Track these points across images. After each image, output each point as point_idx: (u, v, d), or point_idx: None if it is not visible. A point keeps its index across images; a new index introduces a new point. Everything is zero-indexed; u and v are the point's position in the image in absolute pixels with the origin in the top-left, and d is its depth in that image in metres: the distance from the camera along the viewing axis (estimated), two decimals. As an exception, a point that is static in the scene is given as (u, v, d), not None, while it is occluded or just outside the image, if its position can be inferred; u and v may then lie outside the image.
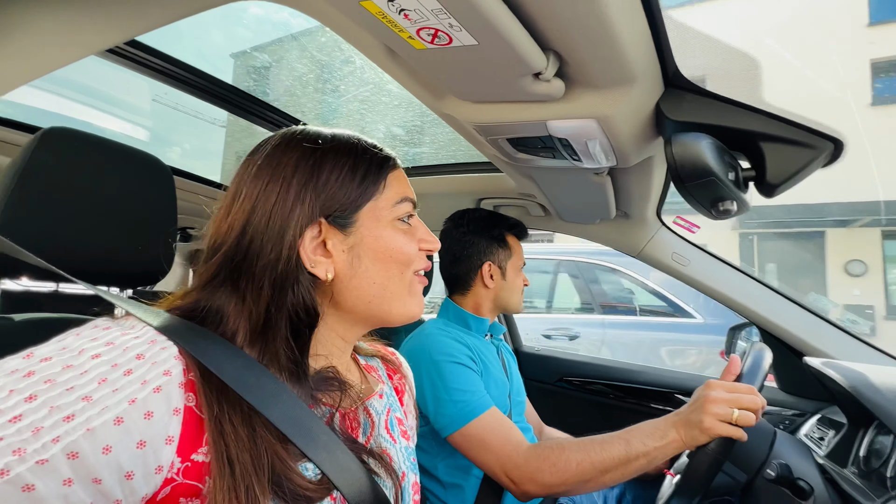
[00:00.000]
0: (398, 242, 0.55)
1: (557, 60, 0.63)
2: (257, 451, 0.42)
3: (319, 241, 0.51)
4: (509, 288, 1.28)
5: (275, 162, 0.51)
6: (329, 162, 0.52)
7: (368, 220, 0.53)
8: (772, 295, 1.30)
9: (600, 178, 1.06)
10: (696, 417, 0.79)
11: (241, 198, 0.51)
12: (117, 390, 0.38)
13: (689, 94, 0.70)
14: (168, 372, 0.41)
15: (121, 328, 0.43)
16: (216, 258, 0.50)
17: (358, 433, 0.56)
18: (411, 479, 0.60)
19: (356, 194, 0.52)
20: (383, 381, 0.67)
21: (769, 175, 0.67)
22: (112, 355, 0.40)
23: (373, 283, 0.54)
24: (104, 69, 1.01)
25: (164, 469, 0.40)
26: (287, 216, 0.49)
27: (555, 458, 0.90)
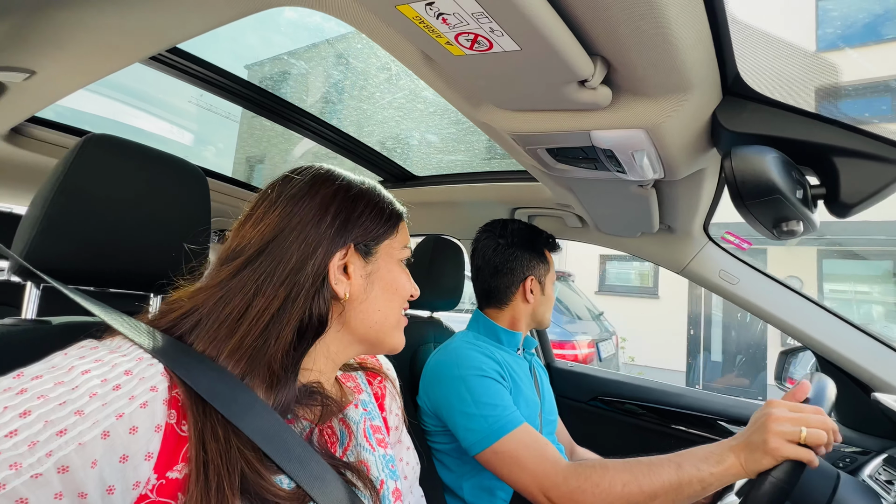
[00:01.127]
0: (403, 278, 0.64)
1: (605, 67, 0.59)
2: (229, 457, 0.43)
3: (343, 263, 0.57)
4: (547, 302, 1.24)
5: (315, 189, 0.58)
6: (363, 200, 0.60)
7: (385, 254, 0.61)
8: (833, 320, 1.20)
9: (645, 190, 1.00)
10: (759, 438, 0.70)
11: (276, 210, 0.56)
12: (106, 404, 0.39)
13: (750, 103, 0.64)
14: (155, 388, 0.43)
15: (107, 348, 0.45)
16: (238, 262, 0.53)
17: (336, 446, 0.58)
18: (391, 487, 0.61)
19: (381, 230, 0.61)
20: (362, 388, 0.69)
21: (843, 193, 0.60)
22: (101, 371, 0.41)
23: (378, 310, 0.60)
24: (145, 73, 1.04)
25: (140, 485, 0.40)
26: (322, 234, 0.55)
27: (598, 477, 0.81)
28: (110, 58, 0.84)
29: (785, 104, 0.62)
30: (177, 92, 1.64)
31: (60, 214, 0.65)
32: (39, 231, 0.63)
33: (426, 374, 1.11)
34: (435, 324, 1.52)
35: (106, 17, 0.75)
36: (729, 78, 0.63)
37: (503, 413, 0.96)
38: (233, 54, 1.18)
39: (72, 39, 0.81)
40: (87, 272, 0.69)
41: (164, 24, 0.75)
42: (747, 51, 0.59)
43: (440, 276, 1.42)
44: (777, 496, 0.68)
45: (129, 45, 0.81)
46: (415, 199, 1.65)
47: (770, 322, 1.27)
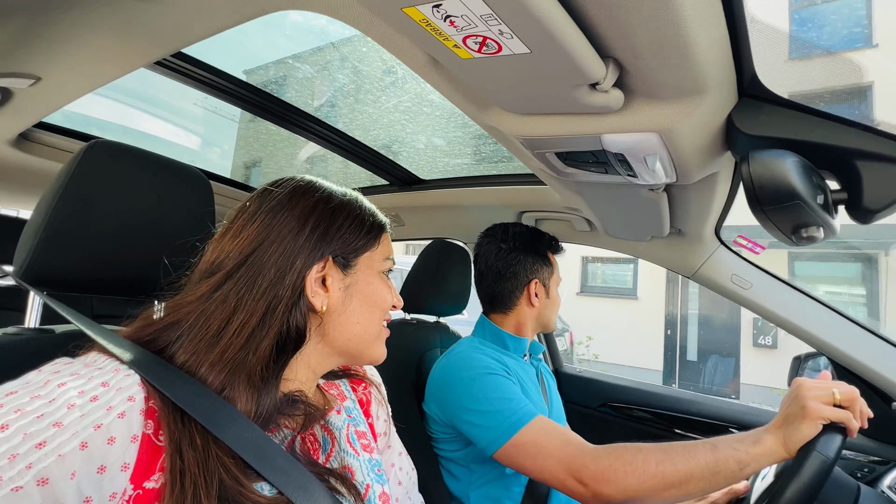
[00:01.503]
0: (383, 291, 0.63)
1: (617, 69, 0.57)
2: (207, 465, 0.43)
3: (321, 275, 0.57)
4: (552, 306, 1.22)
5: (295, 201, 0.57)
6: (343, 213, 0.60)
7: (365, 266, 0.61)
8: (851, 326, 1.16)
9: (656, 194, 0.98)
10: (796, 407, 0.71)
11: (255, 222, 0.56)
12: (84, 415, 0.39)
13: (767, 105, 0.62)
14: (132, 398, 0.43)
15: (82, 362, 0.46)
16: (216, 277, 0.53)
17: (318, 452, 0.58)
18: (377, 491, 0.61)
19: (361, 243, 0.60)
20: (346, 395, 0.69)
21: (867, 199, 0.57)
22: (78, 383, 0.41)
23: (356, 322, 0.60)
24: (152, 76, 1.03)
25: (117, 496, 0.40)
26: (300, 246, 0.55)
27: (630, 456, 0.78)
28: (115, 63, 0.84)
29: (803, 105, 0.59)
30: (183, 95, 1.64)
31: (63, 222, 0.64)
32: (42, 238, 0.63)
33: (433, 382, 1.10)
34: (441, 329, 1.51)
35: (110, 22, 0.75)
36: (745, 79, 0.61)
37: (518, 406, 0.93)
38: (238, 58, 1.17)
39: (76, 45, 0.80)
40: (90, 279, 0.69)
41: (168, 28, 0.75)
42: (765, 51, 0.57)
43: (446, 281, 1.40)
44: (821, 470, 0.65)
45: (134, 50, 0.80)
46: (421, 202, 1.64)
47: (785, 328, 1.24)
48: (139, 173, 0.71)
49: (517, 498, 1.07)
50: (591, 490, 0.79)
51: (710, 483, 0.74)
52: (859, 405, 0.72)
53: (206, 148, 2.08)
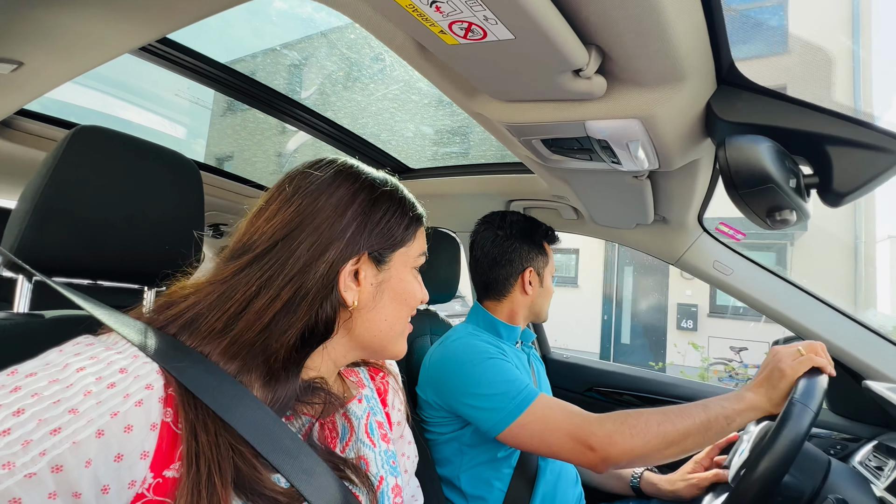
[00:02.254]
0: (415, 287, 0.61)
1: (600, 56, 0.58)
2: (219, 449, 0.43)
3: (353, 269, 0.55)
4: (546, 295, 1.24)
5: (335, 187, 0.55)
6: (385, 202, 0.57)
7: (399, 262, 0.59)
8: (825, 310, 1.21)
9: (639, 181, 1.00)
10: (772, 368, 0.83)
11: (292, 206, 0.53)
12: (101, 402, 0.39)
13: (744, 92, 0.64)
14: (150, 386, 0.42)
15: (103, 344, 0.44)
16: (246, 258, 0.51)
17: (335, 441, 0.57)
18: (391, 483, 0.61)
19: (399, 238, 0.58)
20: (365, 384, 0.68)
21: (836, 183, 0.60)
22: (96, 368, 0.40)
23: (384, 319, 0.58)
24: (138, 66, 1.02)
25: (136, 484, 0.40)
26: (336, 237, 0.53)
27: (633, 419, 0.85)
28: (99, 48, 0.83)
29: (779, 93, 0.62)
30: (168, 85, 1.62)
31: (51, 208, 0.64)
32: (29, 225, 0.63)
33: (430, 368, 1.11)
34: (431, 316, 1.52)
35: (95, 6, 0.74)
36: (723, 67, 0.63)
37: (521, 387, 0.96)
38: (224, 46, 1.16)
39: (60, 30, 0.79)
40: (79, 266, 0.69)
41: (153, 13, 0.74)
42: (742, 40, 0.59)
43: (435, 269, 1.42)
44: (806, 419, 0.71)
45: (119, 36, 0.80)
46: (410, 191, 1.64)
47: (764, 312, 1.28)
48: (127, 159, 0.71)
49: (506, 479, 1.10)
50: (600, 455, 0.85)
51: (704, 438, 0.82)
52: (822, 350, 0.84)
53: (191, 138, 2.06)
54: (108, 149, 0.70)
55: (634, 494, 1.23)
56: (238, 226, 0.56)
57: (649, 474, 1.22)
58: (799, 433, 0.71)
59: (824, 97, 0.58)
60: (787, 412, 0.73)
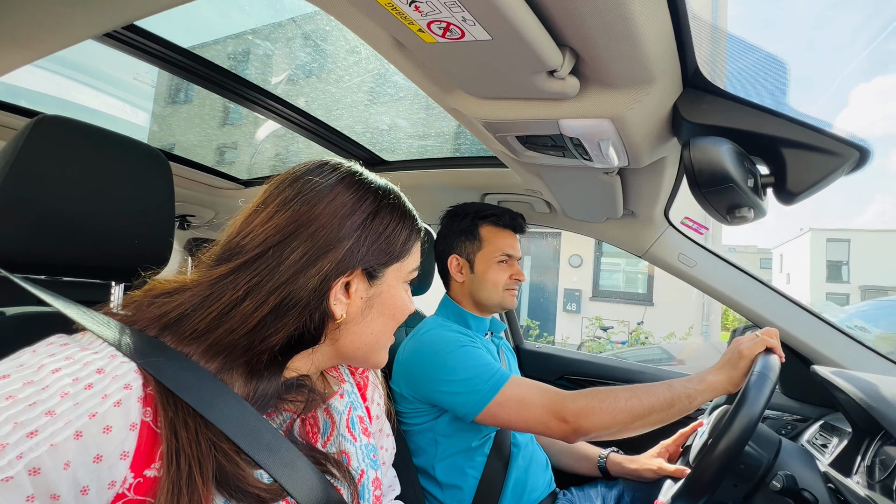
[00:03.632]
0: (405, 302, 0.60)
1: (573, 58, 0.60)
2: (200, 446, 0.43)
3: (344, 282, 0.53)
4: (480, 281, 1.19)
5: (335, 194, 0.53)
6: (386, 217, 0.55)
7: (392, 277, 0.57)
8: (779, 299, 1.28)
9: (610, 177, 1.03)
10: (732, 351, 0.91)
11: (288, 210, 0.51)
12: (78, 404, 0.38)
13: (708, 96, 0.67)
14: (129, 386, 0.42)
15: (78, 344, 0.43)
16: (235, 262, 0.50)
17: (317, 436, 0.57)
18: (371, 476, 0.61)
19: (396, 253, 0.56)
20: (345, 379, 0.68)
21: (790, 183, 0.64)
22: (72, 369, 0.40)
23: (370, 333, 0.57)
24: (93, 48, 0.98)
25: (116, 484, 0.40)
26: (331, 250, 0.51)
27: (603, 395, 0.92)
28: (60, 33, 0.79)
29: (739, 97, 0.65)
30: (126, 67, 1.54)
31: (11, 200, 0.61)
32: None
33: (403, 361, 1.13)
34: (406, 308, 1.54)
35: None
36: (689, 71, 0.66)
37: (494, 369, 1.00)
38: (190, 31, 1.12)
39: (19, 13, 0.75)
40: (41, 260, 0.66)
41: None
42: (707, 45, 0.62)
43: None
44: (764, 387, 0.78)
45: (82, 21, 0.76)
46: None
47: (724, 302, 1.35)
48: (92, 150, 0.69)
49: (480, 467, 1.13)
50: (572, 426, 0.91)
51: (668, 414, 0.90)
52: (775, 335, 0.92)
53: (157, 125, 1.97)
54: (71, 139, 0.67)
55: (601, 475, 1.28)
56: (228, 224, 0.55)
57: (615, 455, 1.28)
58: (760, 402, 0.77)
59: (778, 100, 0.61)
60: (747, 385, 0.80)
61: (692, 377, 0.93)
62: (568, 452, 1.35)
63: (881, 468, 0.91)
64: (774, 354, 0.89)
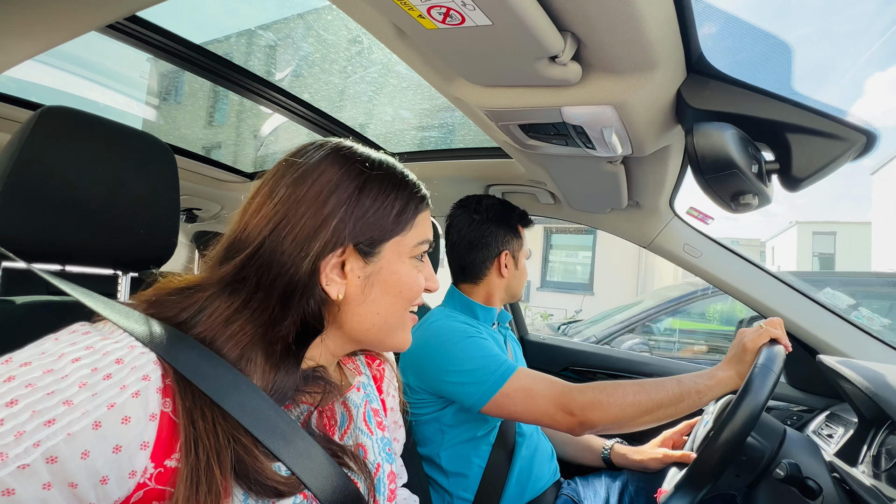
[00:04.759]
0: (411, 279, 0.56)
1: (575, 43, 0.60)
2: (217, 436, 0.42)
3: (340, 261, 0.52)
4: (520, 277, 1.27)
5: (317, 173, 0.51)
6: (373, 189, 0.52)
7: (391, 253, 0.55)
8: (785, 289, 1.27)
9: (614, 166, 1.03)
10: (737, 345, 0.91)
11: (276, 200, 0.51)
12: (97, 394, 0.38)
13: (712, 81, 0.67)
14: (147, 377, 0.41)
15: (100, 333, 0.43)
16: (238, 259, 0.50)
17: (334, 429, 0.57)
18: (387, 470, 0.61)
19: (389, 227, 0.54)
20: (361, 371, 0.67)
21: (795, 168, 0.63)
22: (92, 359, 0.40)
23: (377, 313, 0.55)
24: (108, 45, 0.99)
25: (137, 474, 0.40)
26: (317, 229, 0.50)
27: (611, 389, 0.91)
28: (64, 25, 0.80)
29: (744, 82, 0.64)
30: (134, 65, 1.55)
31: (17, 190, 0.62)
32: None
33: (410, 353, 1.13)
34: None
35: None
36: (693, 56, 0.66)
37: (501, 360, 1.00)
38: (196, 25, 1.13)
39: (22, 4, 0.76)
40: (49, 249, 0.67)
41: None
42: (710, 30, 0.61)
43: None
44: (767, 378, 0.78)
45: (85, 12, 0.77)
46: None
47: (729, 293, 1.34)
48: (98, 140, 0.70)
49: (485, 455, 1.13)
50: (579, 419, 0.91)
51: (677, 409, 0.89)
52: (780, 325, 0.92)
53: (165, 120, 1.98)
54: (76, 129, 0.68)
55: (605, 466, 1.29)
56: (230, 219, 0.55)
57: (619, 446, 1.28)
58: (763, 394, 0.77)
59: (784, 85, 0.61)
60: (750, 376, 0.79)
61: (702, 373, 0.93)
62: (572, 443, 1.35)
63: (887, 457, 0.91)
64: (779, 345, 0.89)
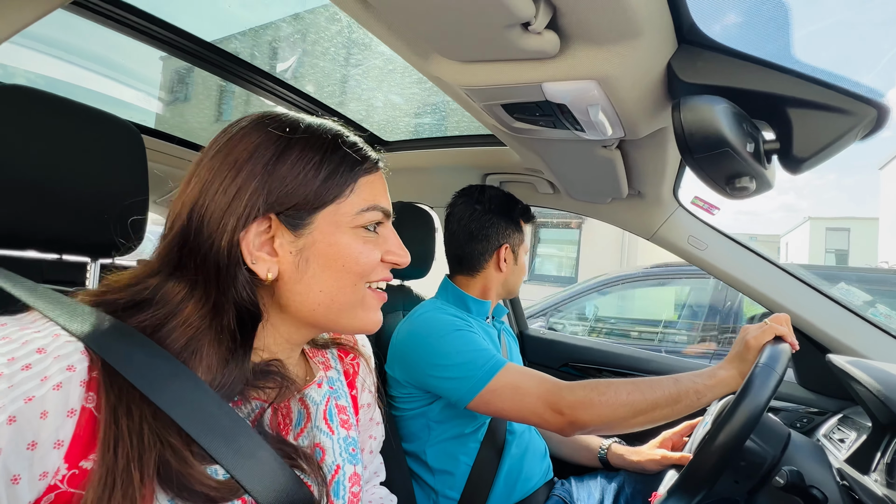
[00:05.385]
0: (354, 251, 0.50)
1: (550, 9, 0.55)
2: (142, 440, 0.39)
3: (268, 237, 0.48)
4: (519, 272, 1.22)
5: (233, 145, 0.48)
6: (293, 154, 0.48)
7: (326, 223, 0.49)
8: (796, 284, 1.20)
9: (609, 151, 0.97)
10: (740, 342, 0.85)
11: (194, 179, 0.48)
12: (13, 386, 0.35)
13: (706, 52, 0.61)
14: (72, 367, 0.38)
15: (19, 323, 0.40)
16: (169, 240, 0.48)
17: (289, 428, 0.53)
18: (348, 472, 0.57)
19: (315, 194, 0.48)
20: (331, 365, 0.63)
21: (796, 147, 0.57)
22: (8, 348, 0.37)
23: (319, 290, 0.50)
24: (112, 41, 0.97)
25: (48, 475, 0.37)
26: (229, 204, 0.46)
27: (603, 388, 0.86)
28: (29, 4, 0.77)
29: (741, 52, 0.58)
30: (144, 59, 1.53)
31: None
32: None
33: (397, 345, 1.10)
34: (405, 292, 1.50)
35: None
36: (684, 25, 0.60)
37: (490, 355, 0.96)
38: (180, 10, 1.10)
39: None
40: (5, 232, 0.65)
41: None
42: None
43: (409, 244, 1.38)
44: (769, 379, 0.72)
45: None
46: (385, 165, 1.60)
47: (736, 287, 1.27)
48: (56, 121, 0.67)
49: (472, 453, 1.10)
50: (568, 418, 0.86)
51: (673, 410, 0.83)
52: (786, 321, 0.86)
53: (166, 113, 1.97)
54: (33, 110, 0.65)
55: (602, 466, 1.24)
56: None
57: (616, 446, 1.23)
58: (764, 395, 0.71)
59: (785, 54, 0.54)
60: (751, 376, 0.74)
61: (702, 372, 0.87)
62: (568, 442, 1.31)
63: (902, 465, 0.84)
64: (784, 343, 0.82)
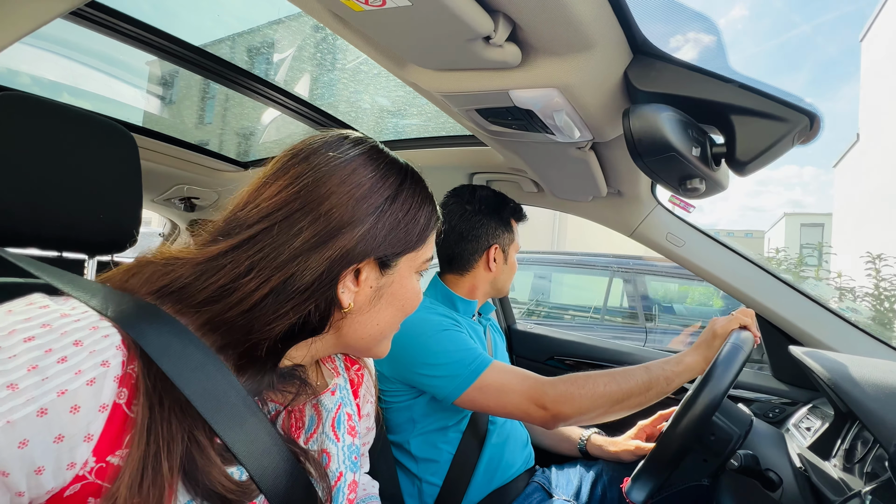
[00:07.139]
0: (414, 294, 0.56)
1: (509, 24, 0.59)
2: (171, 429, 0.39)
3: (355, 269, 0.49)
4: (509, 272, 1.25)
5: (352, 169, 0.48)
6: (407, 200, 0.51)
7: (405, 266, 0.54)
8: (769, 279, 1.24)
9: (583, 153, 1.01)
10: (708, 332, 0.93)
11: (298, 185, 0.47)
12: (47, 379, 0.35)
13: (658, 62, 0.65)
14: (107, 363, 0.38)
15: (60, 307, 0.39)
16: (239, 236, 0.46)
17: (300, 432, 0.54)
18: (349, 479, 0.58)
19: (414, 241, 0.52)
20: (339, 372, 0.65)
21: (739, 151, 0.62)
22: (46, 339, 0.36)
23: (377, 323, 0.54)
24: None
25: (76, 466, 0.37)
26: (343, 231, 0.46)
27: (582, 381, 0.93)
28: (26, 14, 0.81)
29: (688, 63, 0.63)
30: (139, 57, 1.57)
31: None
32: None
33: None
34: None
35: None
36: (637, 38, 0.64)
37: (476, 354, 1.00)
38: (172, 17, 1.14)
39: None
40: (9, 232, 0.70)
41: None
42: (651, 11, 0.59)
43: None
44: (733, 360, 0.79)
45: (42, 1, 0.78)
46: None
47: (711, 282, 1.31)
48: (52, 126, 0.71)
49: (454, 442, 1.14)
50: (552, 412, 0.92)
51: (646, 397, 0.91)
52: (751, 315, 0.94)
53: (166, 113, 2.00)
54: (30, 116, 0.70)
55: (581, 456, 1.28)
56: (231, 200, 0.51)
57: (596, 437, 1.28)
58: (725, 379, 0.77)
59: (725, 67, 0.59)
60: (715, 362, 0.80)
61: (670, 359, 0.94)
62: (549, 433, 1.35)
63: (860, 451, 0.88)
64: (748, 332, 0.88)
